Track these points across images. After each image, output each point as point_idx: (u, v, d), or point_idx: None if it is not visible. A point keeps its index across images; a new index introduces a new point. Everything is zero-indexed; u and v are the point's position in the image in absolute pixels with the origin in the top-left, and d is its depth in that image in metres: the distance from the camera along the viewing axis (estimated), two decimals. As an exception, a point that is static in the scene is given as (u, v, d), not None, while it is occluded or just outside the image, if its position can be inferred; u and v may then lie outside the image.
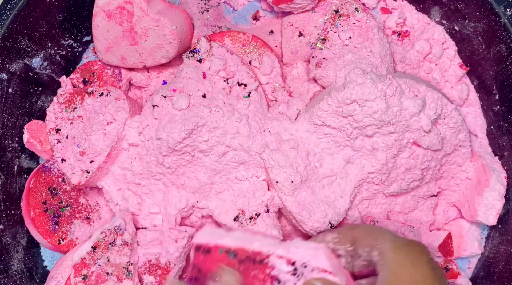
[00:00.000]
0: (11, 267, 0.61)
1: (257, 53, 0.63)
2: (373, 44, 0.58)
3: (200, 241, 0.51)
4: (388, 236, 0.45)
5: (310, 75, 0.60)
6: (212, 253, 0.49)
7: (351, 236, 0.47)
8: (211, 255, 0.49)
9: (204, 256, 0.50)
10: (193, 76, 0.57)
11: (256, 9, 0.70)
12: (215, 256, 0.49)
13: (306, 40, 0.63)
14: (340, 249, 0.48)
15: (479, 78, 0.64)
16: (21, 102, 0.64)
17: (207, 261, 0.49)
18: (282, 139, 0.56)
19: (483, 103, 0.64)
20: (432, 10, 0.65)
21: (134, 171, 0.59)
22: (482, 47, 0.61)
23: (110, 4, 0.59)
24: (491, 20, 0.58)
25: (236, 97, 0.57)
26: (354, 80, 0.53)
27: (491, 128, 0.63)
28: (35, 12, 0.62)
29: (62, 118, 0.61)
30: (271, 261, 0.47)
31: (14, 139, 0.64)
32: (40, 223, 0.60)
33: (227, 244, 0.49)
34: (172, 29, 0.59)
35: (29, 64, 0.64)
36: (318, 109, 0.54)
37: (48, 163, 0.63)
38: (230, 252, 0.49)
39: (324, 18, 0.63)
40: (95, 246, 0.55)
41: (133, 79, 0.67)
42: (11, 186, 0.63)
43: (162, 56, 0.62)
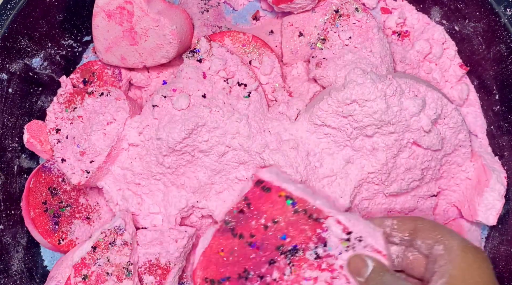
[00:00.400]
0: (11, 267, 0.61)
1: (257, 53, 0.63)
2: (373, 44, 0.58)
3: (264, 177, 0.50)
4: (456, 235, 0.44)
5: (310, 75, 0.60)
6: (271, 193, 0.49)
7: (412, 226, 0.46)
8: (269, 194, 0.49)
9: (262, 193, 0.49)
10: (193, 76, 0.57)
11: (256, 9, 0.70)
12: (273, 197, 0.48)
13: (306, 40, 0.63)
14: (396, 237, 0.47)
15: (479, 78, 0.64)
16: (21, 102, 0.64)
17: (261, 199, 0.49)
18: (282, 139, 0.56)
19: (483, 103, 0.64)
20: (432, 10, 0.65)
21: (134, 171, 0.59)
22: (482, 47, 0.61)
23: (110, 4, 0.59)
24: (491, 20, 0.58)
25: (236, 97, 0.57)
26: (354, 80, 0.53)
27: (491, 128, 0.63)
28: (35, 12, 0.62)
29: (62, 118, 0.61)
30: (327, 223, 0.46)
31: (14, 139, 0.64)
32: (40, 223, 0.61)
33: (291, 190, 0.48)
34: (172, 29, 0.59)
35: (29, 64, 0.64)
36: (318, 109, 0.54)
37: (48, 163, 0.63)
38: (290, 198, 0.48)
39: (324, 18, 0.63)
40: (95, 246, 0.55)
41: (133, 79, 0.67)
42: (11, 186, 0.64)
43: (162, 56, 0.62)
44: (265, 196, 0.49)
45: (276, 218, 0.48)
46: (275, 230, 0.48)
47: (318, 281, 0.46)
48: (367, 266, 0.44)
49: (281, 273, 0.47)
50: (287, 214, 0.48)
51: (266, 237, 0.48)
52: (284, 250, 0.47)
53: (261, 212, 0.48)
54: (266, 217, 0.48)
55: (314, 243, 0.47)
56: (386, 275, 0.43)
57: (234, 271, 0.48)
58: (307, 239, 0.47)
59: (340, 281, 0.46)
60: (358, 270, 0.45)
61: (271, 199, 0.49)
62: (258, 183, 0.50)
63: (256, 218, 0.49)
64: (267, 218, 0.48)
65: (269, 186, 0.49)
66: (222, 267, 0.49)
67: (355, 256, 0.45)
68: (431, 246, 0.44)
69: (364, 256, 0.45)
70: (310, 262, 0.47)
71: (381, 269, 0.44)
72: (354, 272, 0.45)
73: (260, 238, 0.48)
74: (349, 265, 0.45)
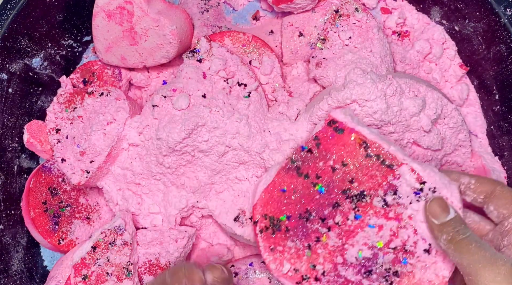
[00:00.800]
0: (11, 267, 0.61)
1: (257, 53, 0.63)
2: (373, 44, 0.58)
3: (338, 117, 0.48)
4: None
5: (310, 75, 0.60)
6: (344, 135, 0.47)
7: (490, 189, 0.45)
8: (341, 136, 0.47)
9: (334, 133, 0.47)
10: (193, 76, 0.57)
11: (256, 9, 0.70)
12: (345, 139, 0.47)
13: (306, 40, 0.63)
14: (468, 196, 0.46)
15: (479, 78, 0.64)
16: (21, 102, 0.64)
17: (332, 140, 0.47)
18: (282, 139, 0.56)
19: (483, 103, 0.64)
20: (432, 10, 0.65)
21: (134, 171, 0.59)
22: (482, 47, 0.61)
23: (110, 4, 0.59)
24: (491, 20, 0.58)
25: (236, 97, 0.57)
26: (354, 80, 0.53)
27: (491, 128, 0.63)
28: (35, 12, 0.62)
29: (62, 118, 0.61)
30: (400, 170, 0.45)
31: (14, 139, 0.64)
32: (40, 223, 0.61)
33: (365, 134, 0.47)
34: (172, 29, 0.59)
35: (29, 64, 0.64)
36: (318, 109, 0.54)
37: (48, 163, 0.63)
38: (363, 141, 0.46)
39: (324, 18, 0.63)
40: (95, 246, 0.55)
41: (133, 79, 0.67)
42: (11, 186, 0.64)
43: (162, 56, 0.62)
44: (337, 137, 0.47)
45: (345, 161, 0.46)
46: (343, 173, 0.46)
47: (383, 229, 0.45)
48: (449, 213, 0.43)
49: (345, 217, 0.46)
50: (358, 157, 0.46)
51: (332, 180, 0.47)
52: (351, 194, 0.46)
53: (331, 153, 0.47)
54: (335, 159, 0.47)
55: (384, 190, 0.45)
56: (466, 228, 0.42)
57: (295, 210, 0.47)
58: (376, 185, 0.46)
59: (407, 231, 0.45)
60: (437, 213, 0.43)
61: (343, 141, 0.47)
62: (331, 123, 0.47)
63: (325, 159, 0.47)
64: (336, 160, 0.47)
65: (343, 127, 0.47)
66: (283, 205, 0.48)
67: (439, 198, 0.43)
68: (504, 217, 0.43)
69: (448, 203, 0.43)
70: (377, 209, 0.45)
71: (461, 220, 0.42)
72: (432, 213, 0.43)
73: (326, 179, 0.47)
74: (430, 206, 0.43)
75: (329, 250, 0.47)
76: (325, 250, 0.47)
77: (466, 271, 0.40)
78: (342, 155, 0.47)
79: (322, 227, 0.47)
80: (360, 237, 0.46)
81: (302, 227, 0.47)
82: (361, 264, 0.46)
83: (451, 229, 0.42)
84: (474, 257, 0.40)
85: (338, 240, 0.46)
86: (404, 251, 0.45)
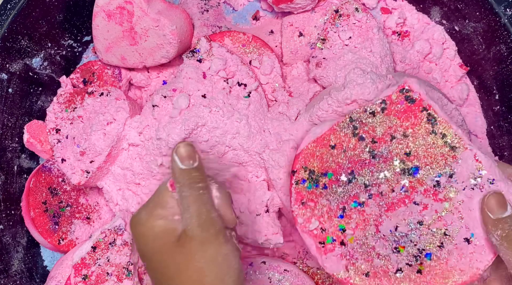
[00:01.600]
0: (11, 267, 0.61)
1: (257, 53, 0.62)
2: (373, 44, 0.58)
3: (413, 86, 0.46)
4: None
5: (310, 75, 0.60)
6: (413, 106, 0.45)
7: None
8: (411, 106, 0.45)
9: (403, 102, 0.46)
10: (193, 76, 0.57)
11: (256, 9, 0.70)
12: (414, 110, 0.45)
13: (306, 40, 0.63)
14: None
15: (479, 78, 0.64)
16: (21, 102, 0.64)
17: (400, 108, 0.46)
18: (282, 139, 0.56)
19: (483, 103, 0.64)
20: (432, 10, 0.65)
21: (134, 171, 0.59)
22: (482, 47, 0.61)
23: (110, 4, 0.59)
24: (491, 20, 0.58)
25: (236, 97, 0.57)
26: (354, 80, 0.53)
27: (491, 128, 0.63)
28: (35, 12, 0.62)
29: (62, 118, 0.61)
30: (463, 155, 0.44)
31: (14, 139, 0.64)
32: (40, 223, 0.61)
33: (436, 109, 0.45)
34: (172, 29, 0.59)
35: (29, 64, 0.64)
36: (318, 109, 0.54)
37: (48, 163, 0.63)
38: (432, 117, 0.45)
39: (324, 18, 0.63)
40: (95, 246, 0.55)
41: (133, 79, 0.67)
42: (11, 186, 0.64)
43: (162, 56, 0.62)
44: (406, 107, 0.45)
45: (407, 132, 0.45)
46: (401, 144, 0.45)
47: (428, 209, 0.44)
48: (506, 209, 0.42)
49: (390, 188, 0.45)
50: (422, 132, 0.45)
51: (388, 148, 0.45)
52: (403, 167, 0.45)
53: (394, 121, 0.45)
54: (397, 128, 0.45)
55: (440, 170, 0.44)
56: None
57: (339, 169, 0.46)
58: (433, 163, 0.44)
59: (452, 216, 0.44)
60: (494, 208, 0.43)
61: (411, 111, 0.45)
62: (404, 90, 0.46)
63: (386, 126, 0.46)
64: (397, 129, 0.45)
65: (415, 97, 0.45)
66: (327, 162, 0.46)
67: (499, 194, 0.43)
68: None
69: (507, 200, 0.43)
70: (427, 187, 0.44)
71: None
72: (489, 207, 0.43)
73: (382, 146, 0.45)
74: (488, 200, 0.43)
75: (365, 217, 0.45)
76: (360, 217, 0.45)
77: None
78: (406, 126, 0.45)
79: (363, 193, 0.45)
80: (401, 211, 0.45)
81: (342, 188, 0.46)
82: (394, 238, 0.45)
83: (507, 226, 0.42)
84: None
85: (377, 209, 0.45)
86: (443, 235, 0.44)
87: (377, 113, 0.46)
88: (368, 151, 0.46)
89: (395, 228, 0.45)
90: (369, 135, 0.46)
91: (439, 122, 0.45)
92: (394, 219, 0.45)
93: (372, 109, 0.47)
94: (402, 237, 0.45)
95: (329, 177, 0.46)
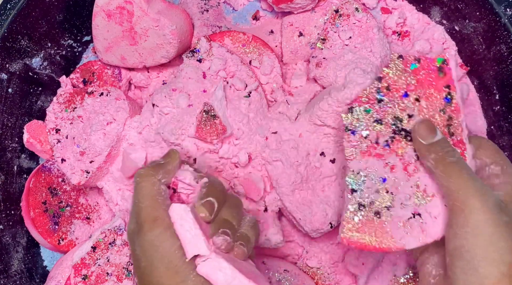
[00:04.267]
0: (11, 267, 0.61)
1: (257, 53, 0.62)
2: (373, 44, 0.58)
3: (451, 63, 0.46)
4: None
5: (310, 75, 0.60)
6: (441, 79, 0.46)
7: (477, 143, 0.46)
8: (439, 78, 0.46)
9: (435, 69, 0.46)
10: (193, 76, 0.57)
11: (256, 9, 0.70)
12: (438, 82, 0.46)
13: (306, 40, 0.63)
14: None
15: (479, 78, 0.64)
16: (21, 102, 0.64)
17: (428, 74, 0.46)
18: (282, 139, 0.56)
19: (483, 103, 0.64)
20: (432, 10, 0.65)
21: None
22: (482, 47, 0.61)
23: (110, 4, 0.59)
24: (491, 20, 0.58)
25: (236, 97, 0.57)
26: (354, 80, 0.53)
27: (491, 128, 0.63)
28: (35, 12, 0.62)
29: (62, 118, 0.61)
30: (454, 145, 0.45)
31: (14, 139, 0.64)
32: (40, 223, 0.60)
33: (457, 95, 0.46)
34: (172, 29, 0.59)
35: (29, 64, 0.64)
36: (318, 109, 0.54)
37: (48, 163, 0.63)
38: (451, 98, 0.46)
39: (324, 18, 0.63)
40: (95, 246, 0.55)
41: (133, 79, 0.67)
42: (11, 186, 0.63)
43: (162, 56, 0.62)
44: (435, 75, 0.46)
45: (421, 98, 0.46)
46: (410, 104, 0.46)
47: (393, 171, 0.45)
48: (436, 134, 0.43)
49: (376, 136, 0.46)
50: (434, 104, 0.46)
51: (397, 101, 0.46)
52: (400, 125, 0.46)
53: (417, 81, 0.46)
54: (416, 89, 0.46)
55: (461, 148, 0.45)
56: (456, 151, 0.43)
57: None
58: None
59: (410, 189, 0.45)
60: (423, 134, 0.44)
61: (437, 81, 0.46)
62: (441, 60, 0.47)
63: (407, 82, 0.46)
64: (415, 90, 0.46)
65: (447, 71, 0.46)
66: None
67: (426, 120, 0.45)
68: (486, 164, 0.44)
69: (435, 125, 0.44)
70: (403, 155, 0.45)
71: (448, 143, 0.43)
72: (420, 134, 0.44)
73: (393, 95, 0.46)
74: (418, 127, 0.44)
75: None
76: None
77: (453, 196, 0.40)
78: (424, 93, 0.46)
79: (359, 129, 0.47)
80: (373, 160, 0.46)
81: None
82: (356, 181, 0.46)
83: (440, 148, 0.43)
84: (465, 183, 0.40)
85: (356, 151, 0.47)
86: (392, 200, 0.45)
87: (407, 66, 0.47)
88: (378, 92, 0.47)
89: (358, 171, 0.46)
90: (386, 82, 0.47)
91: (453, 104, 0.45)
92: (363, 164, 0.46)
93: (407, 61, 0.47)
94: (358, 182, 0.46)
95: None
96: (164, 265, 0.39)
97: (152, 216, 0.40)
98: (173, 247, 0.39)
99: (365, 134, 0.46)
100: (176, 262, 0.39)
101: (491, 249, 0.38)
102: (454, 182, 0.40)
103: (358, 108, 0.47)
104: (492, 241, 0.38)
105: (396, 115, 0.46)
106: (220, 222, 0.42)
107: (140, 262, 0.40)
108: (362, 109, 0.47)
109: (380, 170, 0.46)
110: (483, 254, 0.38)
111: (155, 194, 0.42)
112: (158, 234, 0.39)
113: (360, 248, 0.45)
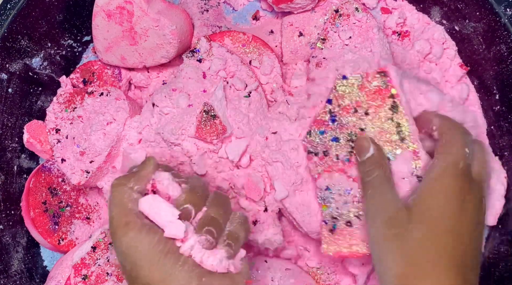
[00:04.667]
0: (11, 267, 0.61)
1: (257, 53, 0.62)
2: (373, 44, 0.58)
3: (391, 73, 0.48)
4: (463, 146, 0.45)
5: (310, 75, 0.60)
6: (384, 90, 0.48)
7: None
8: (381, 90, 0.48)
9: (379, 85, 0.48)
10: (193, 76, 0.57)
11: (256, 9, 0.70)
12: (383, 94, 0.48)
13: (306, 40, 0.63)
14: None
15: (479, 78, 0.64)
16: (21, 102, 0.64)
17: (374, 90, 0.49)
18: (282, 139, 0.56)
19: (483, 103, 0.64)
20: (432, 10, 0.65)
21: (134, 171, 0.59)
22: (482, 47, 0.61)
23: (110, 4, 0.59)
24: (491, 20, 0.58)
25: (236, 97, 0.57)
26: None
27: (491, 128, 0.63)
28: (35, 12, 0.62)
29: (62, 118, 0.61)
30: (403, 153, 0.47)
31: (14, 139, 0.64)
32: (40, 223, 0.60)
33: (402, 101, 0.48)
34: (172, 29, 0.59)
35: (29, 64, 0.64)
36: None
37: (48, 163, 0.63)
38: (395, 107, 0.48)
39: (324, 18, 0.63)
40: (95, 246, 0.55)
41: (133, 79, 0.67)
42: (11, 186, 0.63)
43: (162, 56, 0.62)
44: (378, 88, 0.48)
45: (370, 111, 0.48)
46: (360, 119, 0.48)
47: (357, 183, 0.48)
48: (368, 151, 0.46)
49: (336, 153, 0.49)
50: (382, 115, 0.48)
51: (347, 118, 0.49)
52: (353, 139, 0.48)
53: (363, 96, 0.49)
54: (362, 104, 0.49)
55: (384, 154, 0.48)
56: (375, 170, 0.45)
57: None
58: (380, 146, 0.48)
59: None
60: (357, 151, 0.47)
61: (380, 93, 0.48)
62: (381, 73, 0.49)
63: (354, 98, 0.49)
64: (362, 105, 0.49)
65: (388, 83, 0.48)
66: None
67: (362, 137, 0.47)
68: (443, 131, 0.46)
69: (370, 141, 0.46)
70: None
71: (377, 160, 0.45)
72: (356, 151, 0.47)
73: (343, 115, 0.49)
74: (355, 144, 0.48)
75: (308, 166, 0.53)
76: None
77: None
78: (371, 105, 0.48)
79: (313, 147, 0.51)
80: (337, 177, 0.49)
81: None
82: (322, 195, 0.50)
83: (362, 168, 0.46)
84: (366, 202, 0.45)
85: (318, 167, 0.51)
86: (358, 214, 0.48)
87: (351, 85, 0.50)
88: (329, 113, 0.50)
89: (326, 187, 0.49)
90: (336, 101, 0.50)
91: (399, 112, 0.48)
92: (328, 180, 0.49)
93: (351, 81, 0.50)
94: (328, 198, 0.49)
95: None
96: (148, 262, 0.39)
97: (123, 222, 0.40)
98: (151, 243, 0.39)
99: (326, 152, 0.50)
100: (158, 257, 0.39)
101: (383, 264, 0.42)
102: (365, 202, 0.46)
103: (314, 130, 0.51)
104: (381, 257, 0.43)
105: (350, 131, 0.49)
106: (207, 220, 0.42)
107: (125, 268, 0.40)
108: (317, 131, 0.50)
109: (344, 183, 0.48)
110: (382, 266, 0.43)
111: (125, 201, 0.41)
112: (133, 236, 0.39)
113: (345, 257, 0.49)
